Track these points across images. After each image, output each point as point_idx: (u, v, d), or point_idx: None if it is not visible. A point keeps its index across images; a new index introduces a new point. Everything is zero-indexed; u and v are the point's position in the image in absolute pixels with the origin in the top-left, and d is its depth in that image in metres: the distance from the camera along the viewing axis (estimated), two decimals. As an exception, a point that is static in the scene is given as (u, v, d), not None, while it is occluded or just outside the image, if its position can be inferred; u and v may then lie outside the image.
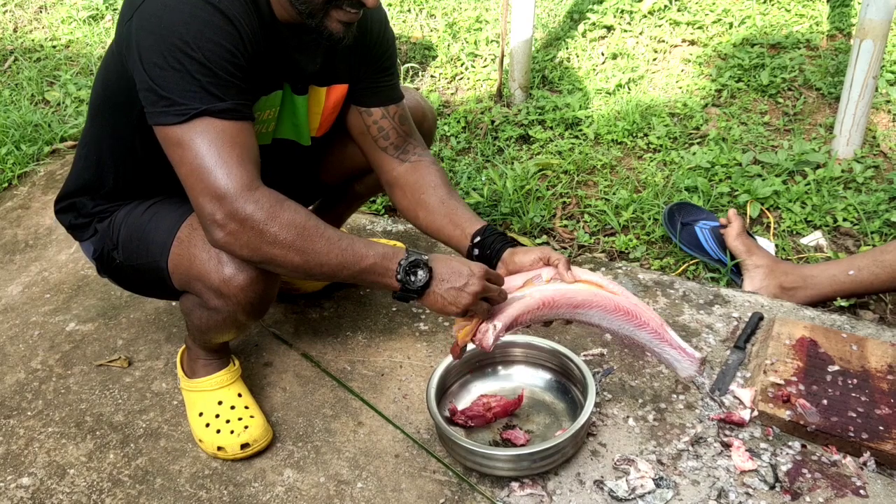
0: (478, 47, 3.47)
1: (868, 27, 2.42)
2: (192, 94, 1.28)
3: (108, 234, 1.60)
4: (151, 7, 1.29)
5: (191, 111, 1.28)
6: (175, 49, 1.26)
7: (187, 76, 1.28)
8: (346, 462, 1.61)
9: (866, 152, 2.62)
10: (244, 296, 1.45)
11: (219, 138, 1.30)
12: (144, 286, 1.67)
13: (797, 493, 1.48)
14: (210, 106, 1.29)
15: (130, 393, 1.81)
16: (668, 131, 2.82)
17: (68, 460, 1.65)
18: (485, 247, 1.59)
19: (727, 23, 3.48)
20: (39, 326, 2.04)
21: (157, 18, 1.28)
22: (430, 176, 1.68)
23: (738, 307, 1.97)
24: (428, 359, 1.86)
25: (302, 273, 1.37)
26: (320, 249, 1.34)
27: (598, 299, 1.49)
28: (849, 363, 1.71)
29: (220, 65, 1.29)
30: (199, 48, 1.27)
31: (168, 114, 1.29)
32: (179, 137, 1.30)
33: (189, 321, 1.62)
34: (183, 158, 1.31)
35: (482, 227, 1.61)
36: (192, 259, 1.46)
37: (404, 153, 1.70)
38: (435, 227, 1.66)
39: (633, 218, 2.40)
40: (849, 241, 2.29)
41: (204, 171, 1.29)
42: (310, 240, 1.33)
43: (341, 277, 1.39)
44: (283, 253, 1.32)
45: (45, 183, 2.74)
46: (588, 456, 1.58)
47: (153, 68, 1.29)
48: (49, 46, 3.75)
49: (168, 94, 1.28)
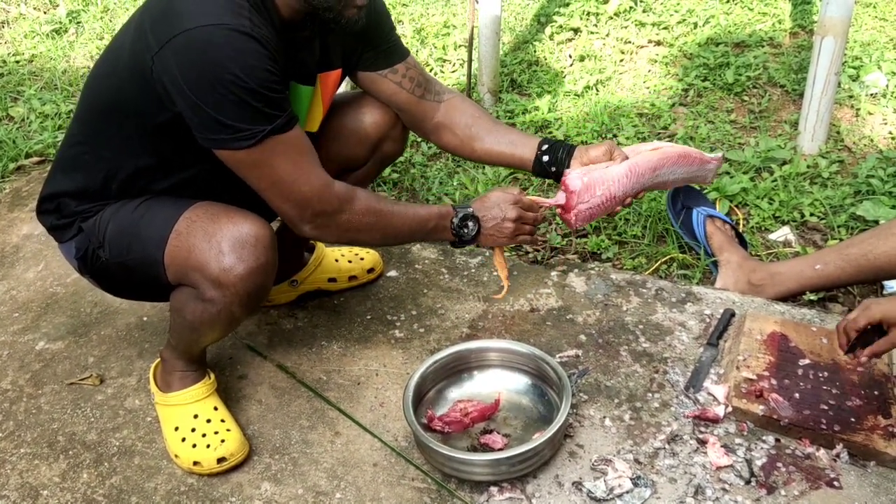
0: (446, 52, 3.48)
1: (829, 24, 2.46)
2: (255, 118, 1.38)
3: (94, 233, 1.58)
4: (190, 43, 1.34)
5: (258, 134, 1.39)
6: (229, 83, 1.34)
7: (245, 105, 1.36)
8: (325, 473, 1.60)
9: (831, 147, 2.66)
10: (243, 286, 1.48)
11: (288, 151, 1.44)
12: (131, 284, 1.65)
13: (772, 487, 1.50)
14: (273, 125, 1.40)
15: (103, 411, 1.79)
16: (637, 131, 2.84)
17: (41, 481, 1.63)
18: (554, 151, 1.75)
19: (692, 23, 3.52)
20: (8, 346, 2.01)
21: (201, 54, 1.34)
22: (469, 108, 1.83)
23: (710, 304, 1.99)
24: (404, 366, 1.86)
25: (380, 244, 1.68)
26: (395, 224, 1.60)
27: (665, 157, 1.75)
28: (819, 356, 1.73)
29: (268, 87, 1.38)
30: (248, 78, 1.34)
31: (237, 139, 1.39)
32: (255, 159, 1.43)
33: (179, 318, 1.60)
34: (261, 176, 1.45)
35: (541, 139, 1.77)
36: (190, 249, 1.48)
37: (437, 95, 1.82)
38: (495, 153, 1.81)
39: (604, 219, 2.42)
40: (816, 235, 2.32)
41: (284, 184, 1.46)
42: (385, 218, 1.58)
43: (410, 241, 1.77)
44: (366, 234, 1.59)
45: (10, 200, 2.70)
46: (566, 458, 1.59)
47: (211, 102, 1.36)
48: (12, 62, 3.70)
49: (232, 122, 1.38)
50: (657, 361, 1.82)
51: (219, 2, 1.36)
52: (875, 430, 1.55)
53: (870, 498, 1.47)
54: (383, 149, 1.86)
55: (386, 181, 2.66)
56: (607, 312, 1.99)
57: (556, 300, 2.04)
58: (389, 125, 1.83)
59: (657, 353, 1.85)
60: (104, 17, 4.11)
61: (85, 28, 4.01)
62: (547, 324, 1.96)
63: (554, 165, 1.75)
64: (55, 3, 4.24)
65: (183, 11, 1.36)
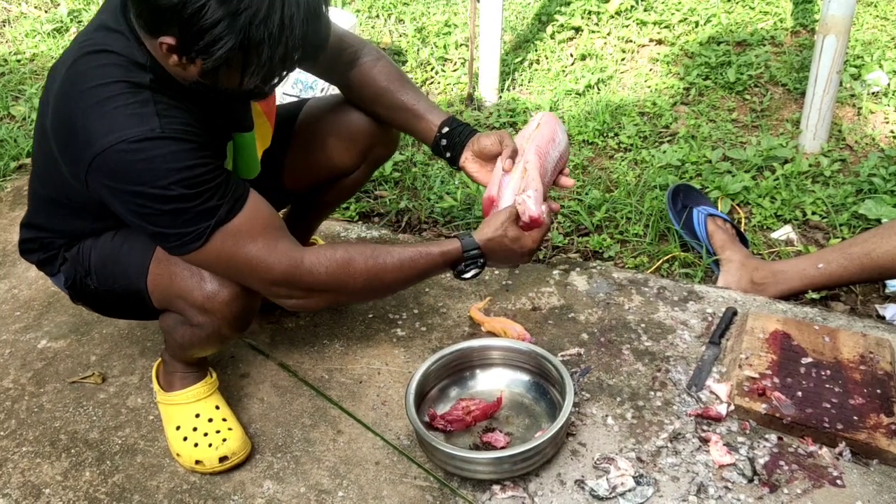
0: (447, 51, 3.48)
1: (831, 23, 2.45)
2: (193, 220, 1.31)
3: (79, 261, 1.57)
4: (105, 168, 1.28)
5: (205, 233, 1.33)
6: (155, 198, 1.28)
7: (178, 212, 1.30)
8: (327, 471, 1.60)
9: (832, 146, 2.66)
10: (229, 310, 1.46)
11: (242, 237, 1.35)
12: (122, 310, 1.65)
13: (775, 486, 1.50)
14: (216, 218, 1.33)
15: (105, 409, 1.79)
16: (639, 130, 2.84)
17: (43, 480, 1.63)
18: (451, 137, 1.67)
19: (693, 22, 3.51)
20: (10, 345, 2.01)
21: (120, 178, 1.28)
22: (385, 69, 1.70)
23: (711, 303, 1.99)
24: (406, 365, 1.85)
25: (378, 298, 1.58)
26: (389, 281, 1.49)
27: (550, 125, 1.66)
28: (822, 355, 1.73)
29: (198, 182, 1.30)
30: (170, 185, 1.27)
31: (186, 244, 1.34)
32: (212, 256, 1.36)
33: (170, 338, 1.60)
34: (230, 267, 1.39)
35: (444, 119, 1.67)
36: (172, 277, 1.46)
37: (355, 57, 1.71)
38: (398, 122, 1.72)
39: (606, 217, 2.42)
40: (818, 234, 2.32)
41: (250, 270, 1.38)
42: (378, 279, 1.46)
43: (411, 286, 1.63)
44: (357, 296, 1.51)
45: (12, 199, 2.70)
46: (568, 456, 1.59)
47: (147, 218, 1.32)
48: (13, 60, 3.69)
49: (174, 230, 1.32)
50: (659, 360, 1.82)
51: (118, 105, 1.28)
52: (878, 429, 1.55)
53: (872, 496, 1.47)
54: (374, 153, 1.83)
55: (387, 180, 2.66)
56: (609, 311, 1.98)
57: (557, 299, 2.04)
58: (378, 129, 1.78)
59: (659, 352, 1.84)
60: (105, 16, 4.11)
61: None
62: (549, 322, 1.96)
63: (449, 151, 1.68)
64: (56, 1, 4.24)
65: (88, 131, 1.28)
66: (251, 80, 1.28)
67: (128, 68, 1.31)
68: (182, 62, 1.27)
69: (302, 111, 1.82)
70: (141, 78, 1.31)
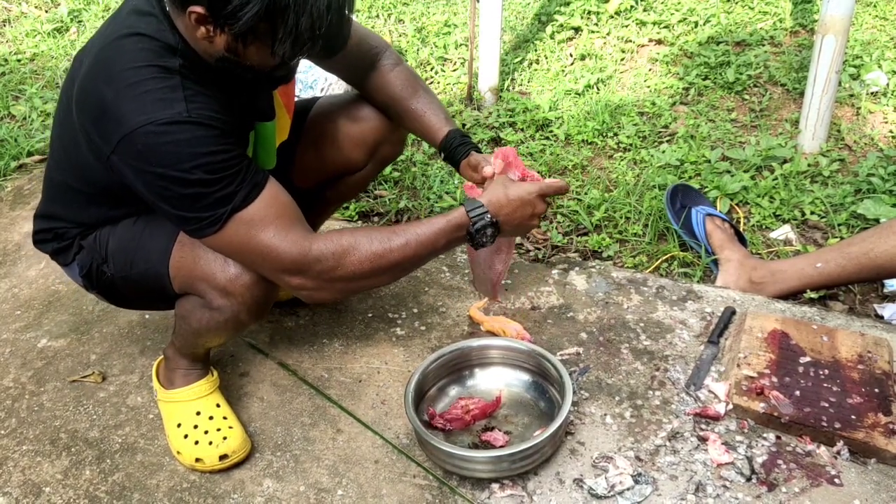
0: (447, 51, 3.48)
1: (829, 23, 2.46)
2: (211, 205, 1.34)
3: (95, 249, 1.58)
4: (132, 149, 1.32)
5: (221, 219, 1.36)
6: (177, 182, 1.32)
7: (198, 196, 1.34)
8: (326, 470, 1.61)
9: (831, 146, 2.67)
10: (250, 294, 1.48)
11: (257, 224, 1.38)
12: (138, 296, 1.65)
13: (773, 484, 1.50)
14: (233, 204, 1.35)
15: (105, 408, 1.79)
16: (638, 130, 2.85)
17: (43, 478, 1.63)
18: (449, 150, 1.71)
19: (692, 22, 3.52)
20: (10, 344, 2.01)
21: (145, 159, 1.31)
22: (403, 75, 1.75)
23: (710, 302, 1.99)
24: (405, 363, 1.86)
25: (394, 280, 1.56)
26: (399, 260, 1.46)
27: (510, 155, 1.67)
28: (820, 354, 1.74)
29: (219, 168, 1.33)
30: (193, 170, 1.31)
31: (203, 228, 1.37)
32: (226, 241, 1.39)
33: (184, 325, 1.60)
34: (243, 252, 1.41)
35: (447, 133, 1.72)
36: (195, 259, 1.48)
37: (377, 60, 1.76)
38: (408, 129, 1.80)
39: (606, 217, 2.42)
40: (817, 234, 2.32)
41: (261, 258, 1.40)
42: (385, 259, 1.45)
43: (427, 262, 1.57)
44: (370, 280, 1.48)
45: (12, 199, 2.70)
46: (567, 455, 1.59)
47: (169, 200, 1.35)
48: (14, 60, 3.70)
49: (193, 213, 1.35)
50: (658, 359, 1.83)
51: (148, 89, 1.31)
52: (875, 428, 1.55)
53: (870, 495, 1.48)
54: (382, 151, 1.85)
55: (387, 179, 2.66)
56: (608, 310, 1.99)
57: (557, 298, 2.04)
58: (387, 128, 1.81)
59: (658, 351, 1.85)
60: (105, 15, 4.11)
61: (86, 27, 4.01)
62: (548, 321, 1.96)
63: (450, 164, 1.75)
64: (56, 1, 4.25)
65: (119, 111, 1.31)
66: (280, 48, 1.30)
67: (159, 53, 1.34)
68: (210, 34, 1.30)
69: (313, 108, 1.85)
70: (171, 63, 1.34)
